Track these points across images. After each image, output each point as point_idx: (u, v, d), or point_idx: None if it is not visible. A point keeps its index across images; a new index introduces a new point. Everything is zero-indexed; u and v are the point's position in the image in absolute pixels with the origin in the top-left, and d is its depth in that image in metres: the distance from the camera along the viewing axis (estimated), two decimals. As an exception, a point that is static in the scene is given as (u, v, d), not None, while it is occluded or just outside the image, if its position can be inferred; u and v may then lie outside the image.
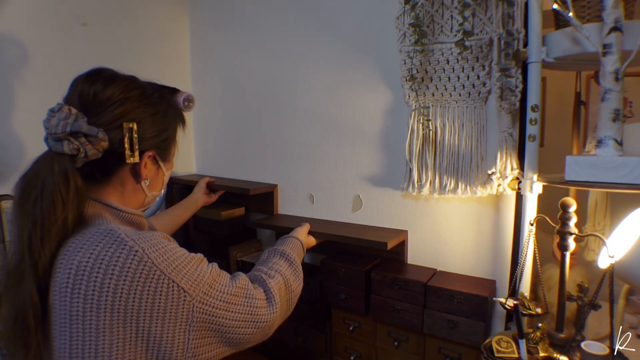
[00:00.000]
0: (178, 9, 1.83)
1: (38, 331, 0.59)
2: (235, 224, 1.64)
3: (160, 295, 0.59)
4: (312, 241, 1.19)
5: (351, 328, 1.28)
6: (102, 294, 0.56)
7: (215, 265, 0.72)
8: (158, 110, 0.72)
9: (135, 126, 0.67)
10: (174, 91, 0.81)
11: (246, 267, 1.52)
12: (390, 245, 1.18)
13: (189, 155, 1.92)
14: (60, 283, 0.56)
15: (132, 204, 0.74)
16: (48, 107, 0.63)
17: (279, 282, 0.82)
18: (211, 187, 1.47)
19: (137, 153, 0.68)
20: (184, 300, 0.61)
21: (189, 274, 0.64)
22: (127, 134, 0.66)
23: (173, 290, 0.60)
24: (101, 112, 0.65)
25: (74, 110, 0.62)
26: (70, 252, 0.58)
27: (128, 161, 0.67)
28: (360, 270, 1.22)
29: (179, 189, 1.75)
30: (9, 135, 1.32)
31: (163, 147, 0.74)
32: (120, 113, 0.66)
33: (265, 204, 1.63)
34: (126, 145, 0.66)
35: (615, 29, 0.77)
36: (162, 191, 0.82)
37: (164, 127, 0.74)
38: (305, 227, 1.18)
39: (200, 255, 0.70)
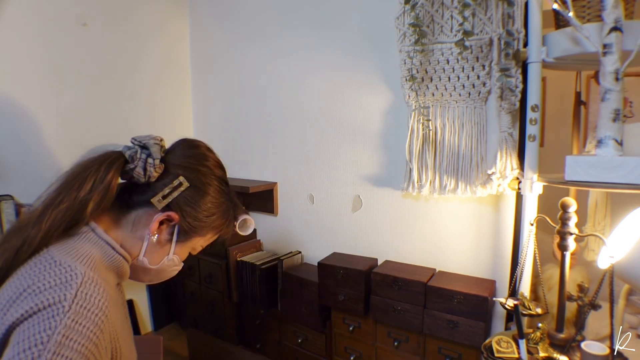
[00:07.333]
0: (178, 9, 1.83)
1: None
2: (235, 224, 1.64)
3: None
4: None
5: (351, 328, 1.28)
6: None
7: None
8: (212, 200, 0.70)
9: (184, 186, 0.66)
10: (239, 208, 0.79)
11: (246, 267, 1.51)
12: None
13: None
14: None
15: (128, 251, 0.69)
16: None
17: None
18: None
19: (164, 202, 0.65)
20: None
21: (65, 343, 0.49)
22: (174, 184, 0.66)
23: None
24: (174, 156, 0.68)
25: (163, 142, 0.68)
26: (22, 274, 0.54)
27: (152, 200, 0.65)
28: (359, 270, 1.22)
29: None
30: (9, 135, 1.32)
31: (188, 226, 0.69)
32: (184, 167, 0.67)
33: (266, 202, 1.63)
34: (164, 189, 0.65)
35: (615, 29, 0.77)
36: (155, 278, 0.75)
37: (206, 214, 0.70)
38: None
39: None
